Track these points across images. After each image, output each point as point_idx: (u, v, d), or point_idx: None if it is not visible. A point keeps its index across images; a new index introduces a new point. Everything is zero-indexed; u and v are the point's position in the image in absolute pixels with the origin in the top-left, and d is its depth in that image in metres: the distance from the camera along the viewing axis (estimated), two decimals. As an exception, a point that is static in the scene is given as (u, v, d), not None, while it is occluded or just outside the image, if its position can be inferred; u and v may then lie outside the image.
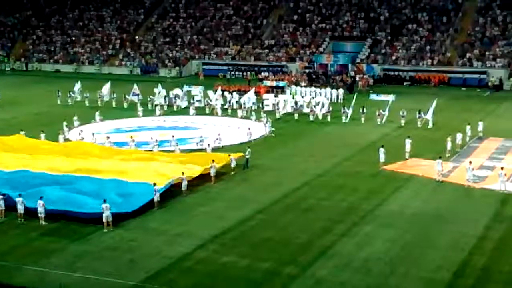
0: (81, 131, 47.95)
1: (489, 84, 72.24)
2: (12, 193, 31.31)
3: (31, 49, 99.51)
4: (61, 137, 45.95)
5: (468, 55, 77.44)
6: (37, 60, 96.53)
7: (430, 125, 50.73)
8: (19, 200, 30.18)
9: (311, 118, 54.67)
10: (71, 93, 64.27)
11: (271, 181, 36.55)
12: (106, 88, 63.87)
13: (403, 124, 51.61)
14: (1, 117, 56.37)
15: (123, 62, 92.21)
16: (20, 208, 30.14)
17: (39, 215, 29.63)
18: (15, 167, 36.81)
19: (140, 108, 57.83)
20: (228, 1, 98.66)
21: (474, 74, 75.07)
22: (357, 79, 75.36)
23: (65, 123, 49.09)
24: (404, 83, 76.73)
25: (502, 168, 35.31)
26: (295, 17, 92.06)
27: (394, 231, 28.44)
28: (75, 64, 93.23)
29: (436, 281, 23.44)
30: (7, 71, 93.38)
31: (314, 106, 56.05)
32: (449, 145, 41.80)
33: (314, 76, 76.69)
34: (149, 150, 42.55)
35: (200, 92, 63.23)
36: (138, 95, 61.58)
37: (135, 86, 63.20)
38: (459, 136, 43.47)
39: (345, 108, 54.54)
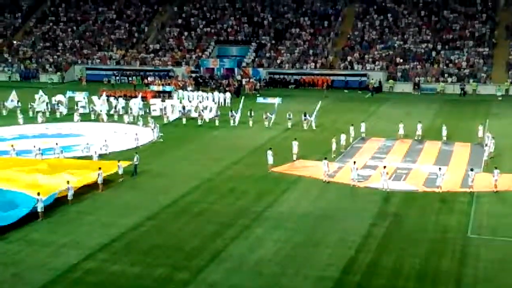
0: (-43, 140, 45.49)
1: (369, 86, 75.07)
2: None
3: None
4: None
5: (349, 58, 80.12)
6: None
7: (314, 127, 52.00)
8: None
9: (199, 122, 54.63)
10: None
11: (160, 187, 36.15)
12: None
13: (289, 127, 52.59)
14: None
15: (1, 68, 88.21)
16: None
17: None
18: None
19: (20, 116, 55.54)
20: (110, 5, 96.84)
21: (355, 77, 77.76)
22: (244, 83, 76.14)
23: None
24: (289, 86, 78.30)
25: (384, 167, 36.75)
26: (180, 21, 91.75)
27: (284, 232, 28.87)
28: None
29: (326, 279, 24.01)
30: None
31: (202, 110, 56.05)
32: (334, 146, 43.00)
33: (201, 81, 76.72)
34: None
35: (84, 98, 61.62)
36: (16, 101, 59.13)
37: (13, 92, 60.72)
38: (343, 137, 44.80)
39: (233, 111, 54.90)
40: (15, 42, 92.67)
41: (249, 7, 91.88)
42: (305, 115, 52.85)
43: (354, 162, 38.02)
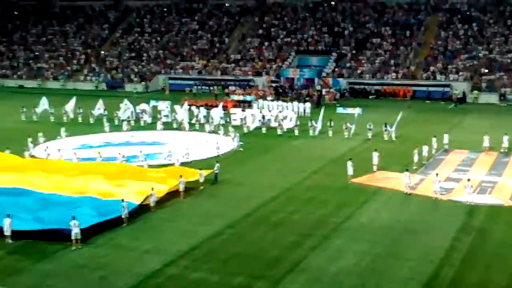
0: (47, 147, 47.28)
1: (453, 97, 73.41)
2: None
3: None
4: (26, 154, 45.28)
5: (431, 68, 78.64)
6: (0, 75, 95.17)
7: (393, 138, 51.27)
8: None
9: (279, 132, 54.85)
10: (36, 108, 63.47)
11: (240, 196, 36.48)
12: (70, 104, 63.24)
13: (370, 137, 52.06)
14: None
15: (88, 77, 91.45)
16: (-14, 227, 29.56)
17: (5, 233, 29.04)
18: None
19: (106, 124, 57.34)
20: (193, 16, 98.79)
21: (438, 87, 76.21)
22: (324, 93, 75.94)
23: (30, 139, 48.36)
24: (370, 97, 77.54)
25: (468, 180, 35.82)
26: (260, 31, 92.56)
27: (364, 244, 28.57)
28: (39, 79, 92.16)
29: (407, 293, 23.62)
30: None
31: (282, 120, 56.28)
32: (416, 158, 42.27)
33: (281, 90, 77.04)
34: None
35: (167, 107, 62.97)
36: (103, 110, 61.22)
37: (100, 101, 62.83)
38: (425, 148, 43.98)
39: (313, 122, 54.84)
40: (102, 52, 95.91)
41: (330, 17, 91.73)
42: (385, 126, 52.19)
43: (437, 174, 37.24)
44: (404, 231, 30.25)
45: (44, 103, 64.18)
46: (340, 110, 64.67)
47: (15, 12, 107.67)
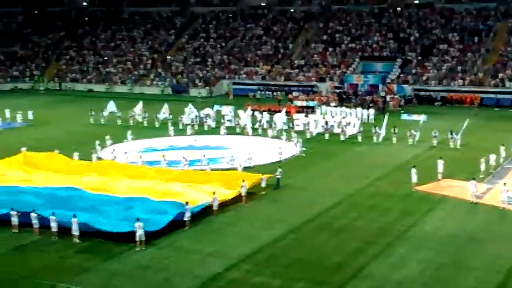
0: (114, 150, 48.40)
1: (522, 104, 71.40)
2: (45, 211, 31.61)
3: (65, 69, 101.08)
4: (94, 156, 46.46)
5: (500, 75, 76.70)
6: (70, 80, 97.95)
7: (458, 145, 50.24)
8: (52, 218, 30.46)
9: (342, 138, 54.54)
10: (103, 112, 65.08)
11: (302, 201, 36.45)
12: (138, 108, 64.56)
13: (435, 145, 51.15)
14: (35, 136, 57.06)
15: (154, 82, 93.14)
16: (54, 226, 30.42)
17: (73, 233, 29.87)
18: (47, 184, 37.37)
19: (171, 128, 58.25)
20: (258, 22, 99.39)
21: (507, 95, 74.22)
22: (388, 99, 75.05)
23: (97, 142, 49.61)
24: (435, 103, 76.20)
25: (537, 189, 34.80)
26: (325, 37, 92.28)
27: (428, 253, 28.11)
28: (107, 83, 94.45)
29: (472, 304, 23.13)
30: (41, 90, 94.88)
31: (345, 126, 55.96)
32: (482, 166, 41.28)
33: (344, 96, 76.58)
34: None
35: (230, 111, 63.48)
36: (168, 114, 62.26)
37: (166, 105, 63.90)
38: (492, 157, 42.91)
39: (377, 128, 54.29)
40: (168, 57, 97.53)
41: (395, 23, 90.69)
42: (451, 133, 51.19)
43: (504, 183, 36.31)
44: (469, 240, 29.64)
45: (111, 107, 65.77)
46: (404, 116, 63.77)
47: (86, 18, 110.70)
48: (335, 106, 67.96)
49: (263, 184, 38.16)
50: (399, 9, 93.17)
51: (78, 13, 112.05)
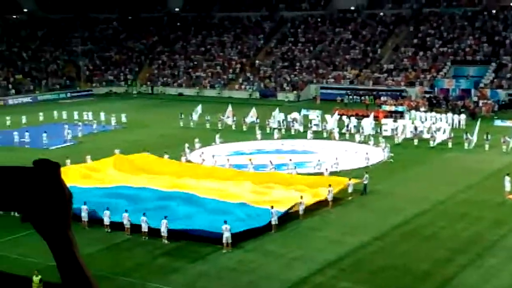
0: (202, 153, 49.28)
1: None
2: (135, 211, 32.52)
3: (156, 73, 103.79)
4: (183, 159, 47.50)
5: None
6: (161, 84, 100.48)
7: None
8: (143, 218, 31.36)
9: (431, 144, 53.37)
10: (192, 115, 66.36)
11: (389, 207, 35.96)
12: (229, 111, 65.29)
13: (530, 152, 49.32)
14: (127, 138, 58.84)
15: (243, 86, 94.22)
16: (144, 227, 31.33)
17: (162, 234, 30.65)
18: (140, 184, 38.51)
19: (258, 131, 58.75)
20: (346, 26, 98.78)
21: None
22: (481, 104, 72.85)
23: (186, 145, 50.64)
24: (532, 109, 73.39)
25: None
26: (415, 41, 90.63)
27: (521, 264, 27.18)
28: (197, 87, 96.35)
29: None
30: (134, 94, 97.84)
31: (435, 132, 54.74)
32: None
33: (434, 101, 74.93)
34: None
35: (317, 116, 63.35)
36: (255, 118, 62.86)
37: (253, 109, 64.50)
38: None
39: (468, 134, 52.78)
40: (257, 62, 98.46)
41: (490, 25, 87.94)
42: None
43: None
44: None
45: (199, 110, 66.87)
46: (498, 122, 61.77)
47: (178, 24, 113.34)
48: (425, 111, 66.66)
49: (350, 190, 37.92)
50: (494, 11, 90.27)
51: (171, 18, 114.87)
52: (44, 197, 2.05)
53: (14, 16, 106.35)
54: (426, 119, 61.35)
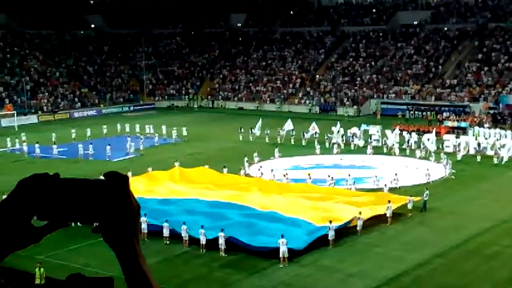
0: (261, 166, 49.42)
1: None
2: (193, 223, 32.81)
3: (217, 87, 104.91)
4: (242, 172, 47.78)
5: None
6: (222, 98, 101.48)
7: None
8: (201, 231, 31.63)
9: (495, 161, 52.07)
10: (252, 129, 66.66)
11: (450, 225, 35.25)
12: (287, 125, 65.22)
13: None
14: (188, 152, 59.54)
15: (303, 101, 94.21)
16: (202, 239, 31.58)
17: (220, 247, 30.83)
18: (198, 196, 38.94)
19: (317, 146, 58.57)
20: (409, 41, 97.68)
21: None
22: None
23: (246, 159, 50.90)
24: None
25: None
26: (480, 56, 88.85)
27: None
28: (257, 102, 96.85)
29: None
30: (195, 108, 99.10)
31: (499, 149, 53.40)
32: None
33: (499, 117, 73.16)
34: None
35: (377, 131, 62.73)
36: (315, 132, 62.70)
37: (313, 124, 64.33)
38: None
39: (534, 151, 51.37)
40: (317, 76, 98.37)
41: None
42: None
43: None
44: None
45: (259, 125, 67.08)
46: None
47: (239, 39, 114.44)
48: (489, 128, 65.16)
49: (409, 206, 37.33)
50: None
51: (232, 33, 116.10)
52: (114, 208, 2.10)
53: (82, 32, 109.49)
54: (490, 136, 59.95)
